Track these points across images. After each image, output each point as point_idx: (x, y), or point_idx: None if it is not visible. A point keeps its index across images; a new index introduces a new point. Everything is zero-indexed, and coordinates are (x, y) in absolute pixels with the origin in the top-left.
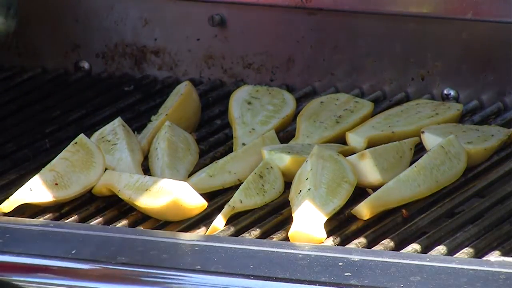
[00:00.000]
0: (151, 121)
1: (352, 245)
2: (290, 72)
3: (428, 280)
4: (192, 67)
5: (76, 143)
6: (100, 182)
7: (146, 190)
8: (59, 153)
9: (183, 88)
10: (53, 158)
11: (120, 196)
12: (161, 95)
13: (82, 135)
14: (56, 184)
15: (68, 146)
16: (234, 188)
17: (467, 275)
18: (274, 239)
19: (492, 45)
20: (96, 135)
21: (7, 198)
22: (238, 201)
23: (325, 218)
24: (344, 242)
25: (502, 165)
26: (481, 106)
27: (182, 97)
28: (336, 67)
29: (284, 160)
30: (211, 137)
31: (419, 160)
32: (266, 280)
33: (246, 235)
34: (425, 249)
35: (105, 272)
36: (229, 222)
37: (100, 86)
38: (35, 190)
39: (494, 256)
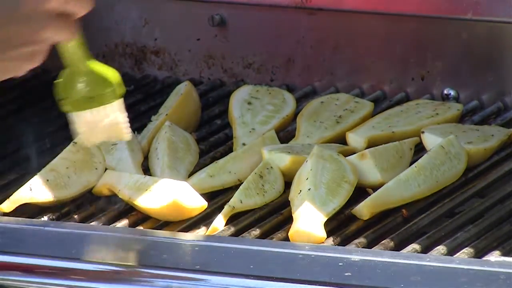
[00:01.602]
0: (151, 121)
1: (352, 245)
2: (290, 72)
3: (428, 280)
4: (192, 67)
5: (75, 142)
6: (100, 182)
7: (146, 190)
8: (59, 153)
9: (183, 88)
10: (53, 158)
11: (120, 196)
12: (161, 95)
13: None
14: (56, 184)
15: (68, 146)
16: (234, 188)
17: (467, 275)
18: (274, 239)
19: (492, 45)
20: None
21: (7, 198)
22: (238, 201)
23: (325, 218)
24: (344, 242)
25: (502, 165)
26: (481, 106)
27: (182, 97)
28: (336, 67)
29: (284, 160)
30: (211, 137)
31: (419, 160)
32: (266, 280)
33: (246, 235)
34: (425, 249)
35: (105, 272)
36: (229, 222)
37: None
38: (35, 190)
39: (494, 256)
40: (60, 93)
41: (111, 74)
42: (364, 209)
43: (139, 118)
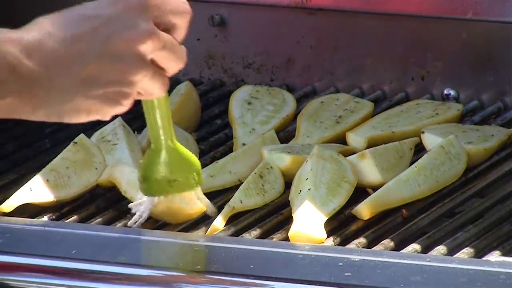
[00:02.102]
0: None
1: (352, 245)
2: (290, 72)
3: (428, 280)
4: (192, 67)
5: (76, 143)
6: (104, 176)
7: None
8: (59, 153)
9: (183, 88)
10: (53, 158)
11: (122, 194)
12: None
13: (82, 135)
14: (56, 184)
15: (68, 146)
16: (234, 188)
17: (467, 275)
18: (274, 239)
19: (492, 45)
20: (96, 135)
21: (7, 198)
22: (238, 201)
23: (325, 218)
24: (344, 242)
25: (502, 165)
26: (481, 106)
27: (182, 97)
28: (336, 67)
29: (284, 160)
30: (211, 137)
31: (419, 160)
32: (266, 280)
33: (246, 235)
34: (425, 249)
35: (105, 272)
36: (229, 222)
37: None
38: (35, 190)
39: (494, 256)
40: (142, 174)
41: (194, 157)
42: (364, 209)
43: (139, 118)
